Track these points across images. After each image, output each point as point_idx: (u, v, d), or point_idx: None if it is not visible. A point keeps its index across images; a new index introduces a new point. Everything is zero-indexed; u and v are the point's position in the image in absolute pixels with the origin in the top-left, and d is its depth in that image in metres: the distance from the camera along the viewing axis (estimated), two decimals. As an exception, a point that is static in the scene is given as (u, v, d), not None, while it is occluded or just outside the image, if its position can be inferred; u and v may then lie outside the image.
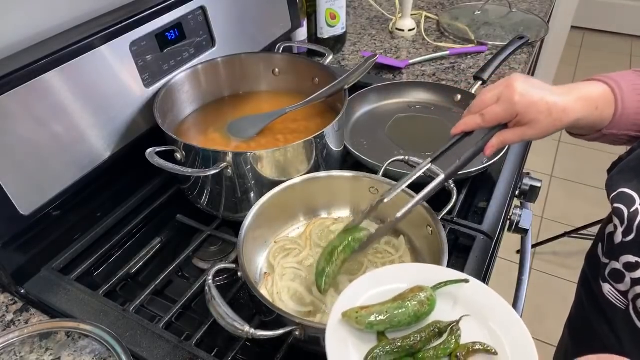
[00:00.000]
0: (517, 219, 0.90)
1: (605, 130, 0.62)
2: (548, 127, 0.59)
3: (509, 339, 0.49)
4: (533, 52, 1.33)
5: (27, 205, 0.66)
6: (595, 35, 3.70)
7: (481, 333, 0.51)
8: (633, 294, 0.58)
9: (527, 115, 0.58)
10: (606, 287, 0.63)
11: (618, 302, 0.62)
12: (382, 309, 0.51)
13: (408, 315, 0.51)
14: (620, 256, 0.60)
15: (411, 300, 0.51)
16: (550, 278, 2.02)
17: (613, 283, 0.62)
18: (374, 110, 1.06)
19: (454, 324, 0.51)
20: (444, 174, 0.61)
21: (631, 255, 0.58)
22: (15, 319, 0.69)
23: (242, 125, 0.85)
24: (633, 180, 0.60)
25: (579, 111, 0.59)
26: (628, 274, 0.58)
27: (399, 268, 0.60)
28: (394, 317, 0.50)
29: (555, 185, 2.48)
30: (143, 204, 0.85)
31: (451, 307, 0.53)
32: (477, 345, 0.50)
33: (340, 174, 0.74)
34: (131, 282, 0.76)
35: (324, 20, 1.23)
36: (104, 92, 0.74)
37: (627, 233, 0.58)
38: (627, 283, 0.59)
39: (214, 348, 0.65)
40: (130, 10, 0.78)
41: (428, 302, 0.52)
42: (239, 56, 0.93)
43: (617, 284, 0.61)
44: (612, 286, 0.62)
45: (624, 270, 0.59)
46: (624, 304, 0.60)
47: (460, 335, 0.51)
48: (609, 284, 0.62)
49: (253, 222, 0.67)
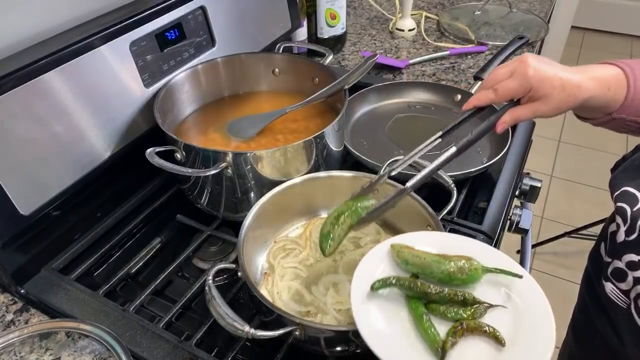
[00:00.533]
0: (517, 219, 0.90)
1: (615, 114, 0.62)
2: (561, 103, 0.58)
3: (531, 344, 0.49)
4: (533, 52, 1.33)
5: (27, 205, 0.66)
6: (595, 35, 3.70)
7: (506, 328, 0.50)
8: (635, 292, 0.58)
9: (541, 90, 0.58)
10: (608, 286, 0.63)
11: (620, 301, 0.61)
12: (423, 255, 0.55)
13: (441, 272, 0.54)
14: (622, 255, 0.60)
15: (453, 262, 0.54)
16: (550, 278, 2.02)
17: (615, 282, 0.62)
18: (374, 110, 1.06)
19: (484, 304, 0.52)
20: (456, 146, 0.61)
21: (634, 254, 0.58)
22: (15, 319, 0.69)
23: (242, 125, 0.85)
24: (637, 179, 0.60)
25: (592, 89, 0.58)
26: (630, 272, 0.58)
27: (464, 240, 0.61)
28: (428, 265, 0.54)
29: (555, 185, 2.48)
30: (143, 204, 0.85)
31: (497, 294, 0.54)
32: (489, 328, 0.50)
33: (340, 174, 0.74)
34: (131, 282, 0.76)
35: (324, 20, 1.23)
36: (104, 92, 0.74)
37: (630, 232, 0.59)
38: (630, 282, 0.59)
39: (214, 348, 0.65)
40: (130, 10, 0.78)
41: (468, 273, 0.53)
42: (239, 56, 0.93)
43: (619, 283, 0.61)
44: (614, 285, 0.62)
45: (627, 269, 0.59)
46: (626, 303, 0.60)
47: (481, 316, 0.51)
48: (611, 282, 0.62)
49: (253, 222, 0.66)
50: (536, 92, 0.59)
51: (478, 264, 0.54)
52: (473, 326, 0.50)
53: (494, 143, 0.94)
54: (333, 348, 0.58)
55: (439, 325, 0.51)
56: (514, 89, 0.60)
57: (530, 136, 1.00)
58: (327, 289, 0.66)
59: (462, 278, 0.53)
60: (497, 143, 0.93)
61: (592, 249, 0.75)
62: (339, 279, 0.67)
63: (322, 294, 0.65)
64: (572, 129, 2.86)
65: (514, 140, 0.94)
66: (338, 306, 0.63)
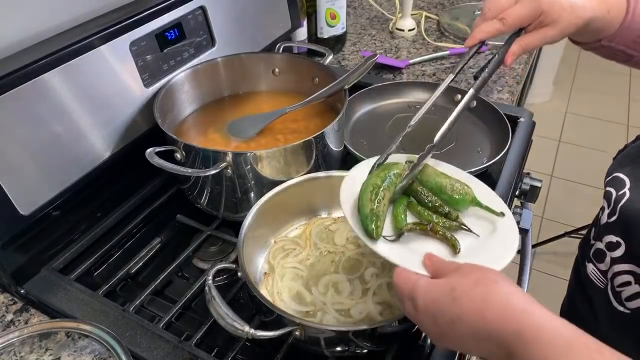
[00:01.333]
0: (517, 218, 0.90)
1: (604, 41, 0.61)
2: (569, 26, 0.57)
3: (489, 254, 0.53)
4: (533, 52, 1.33)
5: (27, 205, 0.66)
6: (595, 35, 3.69)
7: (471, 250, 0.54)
8: (611, 272, 0.59)
9: (551, 14, 0.56)
10: (589, 267, 0.64)
11: (598, 281, 0.62)
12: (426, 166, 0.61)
13: (435, 182, 0.59)
14: (603, 236, 0.61)
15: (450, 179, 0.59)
16: (550, 278, 2.02)
17: (595, 263, 0.63)
18: (374, 110, 1.06)
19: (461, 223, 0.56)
20: (473, 88, 0.61)
21: (613, 235, 0.58)
22: (15, 319, 0.69)
23: (242, 125, 0.85)
24: (628, 165, 0.60)
25: (595, 9, 0.58)
26: (609, 253, 0.59)
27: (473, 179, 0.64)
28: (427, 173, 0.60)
29: (555, 185, 2.48)
30: (143, 204, 0.85)
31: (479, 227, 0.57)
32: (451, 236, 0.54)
33: (340, 174, 0.74)
34: (131, 282, 0.76)
35: (324, 20, 1.23)
36: (104, 92, 0.74)
37: (611, 214, 0.59)
38: (607, 262, 0.60)
39: (214, 348, 0.65)
40: (130, 10, 0.78)
41: (459, 194, 0.57)
42: (238, 56, 0.93)
43: (599, 264, 0.62)
44: (595, 266, 0.63)
45: (606, 249, 0.60)
46: (604, 284, 0.61)
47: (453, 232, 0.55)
48: (592, 263, 0.63)
49: (253, 222, 0.66)
50: (546, 17, 0.56)
51: (471, 193, 0.58)
52: (437, 229, 0.54)
53: (494, 143, 0.94)
54: (333, 348, 0.58)
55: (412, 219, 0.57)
56: (525, 14, 0.57)
57: (530, 136, 1.00)
58: (327, 289, 0.66)
59: (451, 195, 0.57)
60: (497, 143, 0.93)
61: (584, 236, 0.76)
62: (339, 278, 0.67)
63: (322, 294, 0.65)
64: (572, 129, 2.86)
65: (514, 140, 0.94)
66: (338, 306, 0.63)
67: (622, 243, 0.56)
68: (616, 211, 0.58)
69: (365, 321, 0.61)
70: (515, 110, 1.02)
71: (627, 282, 0.56)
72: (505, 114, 0.95)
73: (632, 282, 0.55)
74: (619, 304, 0.58)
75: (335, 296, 0.65)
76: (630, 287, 0.56)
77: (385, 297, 0.64)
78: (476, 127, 0.99)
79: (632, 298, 0.56)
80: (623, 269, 0.56)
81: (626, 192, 0.57)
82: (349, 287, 0.66)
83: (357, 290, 0.65)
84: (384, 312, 0.63)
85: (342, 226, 0.75)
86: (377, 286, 0.65)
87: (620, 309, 0.58)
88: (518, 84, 1.18)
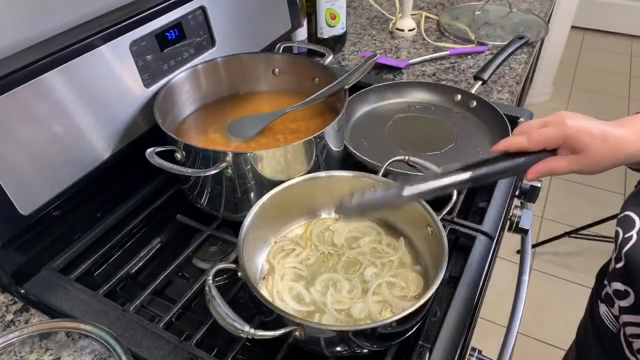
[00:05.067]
0: (517, 219, 0.90)
1: None
2: (603, 156, 0.53)
3: None
4: (533, 52, 1.33)
5: (27, 205, 0.66)
6: (595, 35, 3.70)
7: None
8: (622, 321, 0.57)
9: (579, 140, 0.53)
10: (602, 307, 0.62)
11: (611, 325, 0.60)
12: None
13: None
14: (612, 282, 0.58)
15: None
16: (550, 278, 2.02)
17: (608, 305, 0.60)
18: (374, 110, 1.06)
19: None
20: (471, 173, 0.55)
21: (620, 283, 0.56)
22: (15, 319, 0.69)
23: (242, 125, 0.85)
24: (637, 200, 0.57)
25: (638, 143, 0.53)
26: (617, 301, 0.57)
27: None
28: None
29: (555, 185, 2.48)
30: (143, 204, 0.85)
31: None
32: None
33: (340, 174, 0.74)
34: (131, 282, 0.76)
35: (324, 20, 1.23)
36: (104, 92, 0.74)
37: (618, 260, 0.56)
38: (616, 309, 0.58)
39: (214, 348, 0.65)
40: (130, 10, 0.78)
41: None
42: (239, 56, 0.93)
43: (611, 308, 0.60)
44: (607, 308, 0.61)
45: (614, 297, 0.58)
46: (616, 328, 0.59)
47: None
48: (605, 305, 0.61)
49: (253, 222, 0.66)
50: (575, 142, 0.53)
51: None
52: None
53: (494, 143, 0.93)
54: (333, 348, 0.58)
55: None
56: (549, 135, 0.54)
57: (530, 136, 1.00)
58: (327, 288, 0.66)
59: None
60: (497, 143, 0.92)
61: (602, 266, 0.72)
62: (339, 278, 0.67)
63: (322, 293, 0.65)
64: (572, 129, 2.85)
65: (514, 140, 0.94)
66: (338, 306, 0.63)
67: (631, 292, 0.54)
68: (621, 257, 0.55)
69: (366, 321, 0.61)
70: (515, 110, 1.02)
71: (637, 335, 0.53)
72: (505, 114, 0.95)
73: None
74: (632, 354, 0.56)
75: (335, 296, 0.65)
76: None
77: (385, 297, 0.64)
78: (476, 127, 0.99)
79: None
80: (632, 320, 0.54)
81: (633, 235, 0.54)
82: (348, 286, 0.66)
83: (357, 289, 0.65)
84: (384, 312, 0.63)
85: (342, 226, 0.75)
86: (377, 286, 0.65)
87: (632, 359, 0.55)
88: (518, 84, 1.18)
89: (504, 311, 0.92)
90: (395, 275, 0.67)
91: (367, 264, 0.69)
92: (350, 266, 0.69)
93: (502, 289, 1.23)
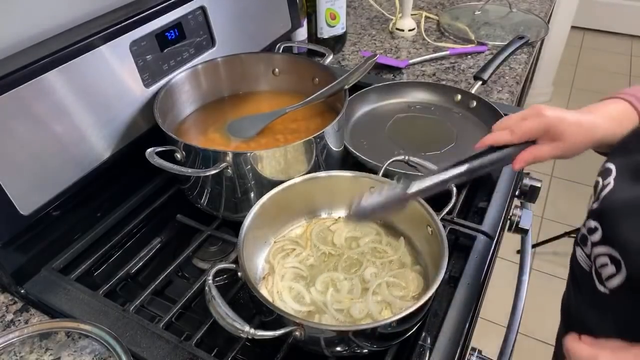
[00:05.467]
0: (517, 219, 0.90)
1: None
2: (577, 141, 0.62)
3: None
4: (533, 52, 1.33)
5: (27, 205, 0.66)
6: (595, 35, 3.70)
7: None
8: (593, 255, 0.62)
9: (558, 128, 0.60)
10: (578, 251, 0.67)
11: (585, 264, 0.65)
12: None
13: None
14: (587, 221, 0.64)
15: None
16: (550, 278, 2.02)
17: (582, 247, 0.66)
18: (374, 110, 1.06)
19: None
20: (468, 165, 0.62)
21: (593, 220, 0.62)
22: (15, 319, 0.69)
23: (242, 125, 0.85)
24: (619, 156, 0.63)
25: (607, 127, 0.62)
26: (589, 237, 0.63)
27: None
28: None
29: (555, 185, 2.48)
30: (143, 204, 0.85)
31: None
32: None
33: (340, 174, 0.74)
34: (131, 282, 0.76)
35: (324, 20, 1.23)
36: (104, 92, 0.74)
37: (595, 201, 0.63)
38: (589, 246, 0.63)
39: (214, 348, 0.65)
40: (130, 10, 0.78)
41: None
42: (239, 56, 0.93)
43: (584, 247, 0.65)
44: (582, 249, 0.66)
45: (587, 234, 0.63)
46: (589, 266, 0.64)
47: None
48: (579, 247, 0.67)
49: (253, 222, 0.66)
50: (554, 130, 0.61)
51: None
52: None
53: (494, 143, 0.94)
54: (333, 348, 0.58)
55: None
56: (532, 127, 0.61)
57: (530, 136, 1.00)
58: (327, 288, 0.66)
59: None
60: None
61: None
62: (339, 278, 0.67)
63: (322, 293, 0.65)
64: (572, 129, 2.85)
65: (514, 140, 0.94)
66: (338, 306, 0.63)
67: (599, 227, 0.61)
68: (598, 198, 0.62)
69: (366, 321, 0.61)
70: (515, 110, 1.02)
71: (605, 264, 0.60)
72: (505, 114, 0.95)
73: (608, 264, 0.59)
74: (600, 283, 0.62)
75: (335, 296, 0.65)
76: (608, 267, 0.60)
77: (385, 297, 0.64)
78: (476, 127, 0.99)
79: (609, 278, 0.60)
80: (601, 252, 0.60)
81: (610, 181, 0.61)
82: (348, 286, 0.66)
83: (357, 289, 0.65)
84: (384, 312, 0.63)
85: (342, 226, 0.75)
86: (377, 285, 0.65)
87: (601, 289, 0.61)
88: (518, 84, 1.18)
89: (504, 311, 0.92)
90: (395, 275, 0.67)
91: (367, 264, 0.69)
92: (350, 266, 0.69)
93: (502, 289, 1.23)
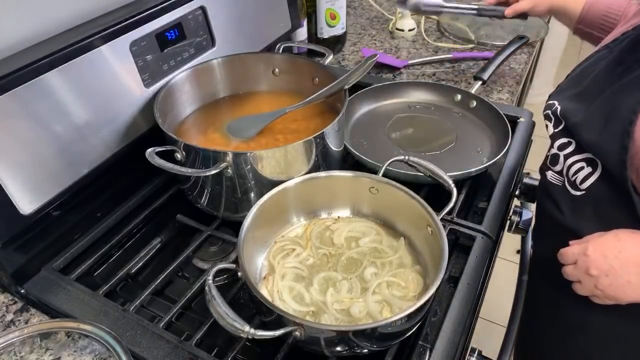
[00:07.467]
0: (517, 219, 0.90)
1: (576, 24, 0.95)
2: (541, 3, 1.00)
3: None
4: (533, 52, 1.34)
5: (27, 205, 0.66)
6: (595, 35, 3.69)
7: None
8: (566, 167, 0.72)
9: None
10: (549, 174, 0.76)
11: (557, 181, 0.74)
12: None
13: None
14: (554, 142, 0.75)
15: None
16: (550, 278, 2.01)
17: (552, 167, 0.76)
18: (374, 110, 1.06)
19: None
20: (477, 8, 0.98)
21: (563, 138, 0.73)
22: (15, 319, 0.69)
23: (242, 125, 0.85)
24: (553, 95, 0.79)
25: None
26: (561, 153, 0.73)
27: None
28: None
29: (555, 185, 2.47)
30: (143, 204, 0.85)
31: None
32: None
33: (340, 174, 0.74)
34: (131, 282, 0.76)
35: (324, 20, 1.23)
36: (104, 92, 0.74)
37: (557, 124, 0.75)
38: (561, 161, 0.73)
39: (214, 348, 0.65)
40: (130, 10, 0.78)
41: None
42: (238, 56, 0.93)
43: (555, 167, 0.75)
44: (552, 170, 0.76)
45: (558, 151, 0.74)
46: (561, 181, 0.73)
47: None
48: (550, 170, 0.76)
49: (253, 222, 0.66)
50: None
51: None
52: None
53: (494, 143, 0.94)
54: (333, 348, 0.58)
55: None
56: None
57: (530, 136, 1.00)
58: (327, 288, 0.66)
59: None
60: (497, 143, 0.93)
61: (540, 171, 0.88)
62: (339, 278, 0.67)
63: (322, 293, 0.65)
64: (572, 129, 2.85)
65: (514, 140, 0.94)
66: (338, 306, 0.63)
67: (573, 142, 0.71)
68: (560, 120, 0.74)
69: (366, 321, 0.61)
70: (515, 110, 1.02)
71: (580, 168, 0.69)
72: (505, 114, 0.95)
73: (584, 167, 0.68)
74: (575, 189, 0.70)
75: (335, 296, 0.65)
76: (583, 170, 0.68)
77: (385, 296, 0.64)
78: (476, 127, 0.99)
79: (584, 180, 0.68)
80: (575, 159, 0.70)
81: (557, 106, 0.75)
82: (348, 286, 0.66)
83: (356, 289, 0.65)
84: (384, 312, 0.63)
85: (342, 226, 0.75)
86: (377, 285, 0.65)
87: (577, 194, 0.70)
88: (518, 84, 1.18)
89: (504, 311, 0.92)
90: (395, 275, 0.67)
91: (367, 264, 0.69)
92: (350, 266, 0.69)
93: (502, 289, 1.23)
